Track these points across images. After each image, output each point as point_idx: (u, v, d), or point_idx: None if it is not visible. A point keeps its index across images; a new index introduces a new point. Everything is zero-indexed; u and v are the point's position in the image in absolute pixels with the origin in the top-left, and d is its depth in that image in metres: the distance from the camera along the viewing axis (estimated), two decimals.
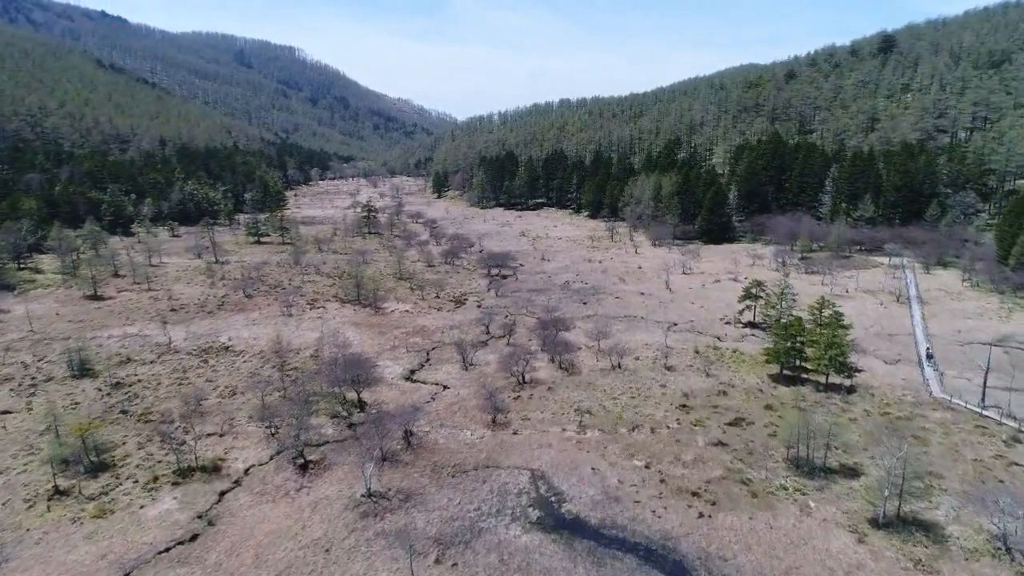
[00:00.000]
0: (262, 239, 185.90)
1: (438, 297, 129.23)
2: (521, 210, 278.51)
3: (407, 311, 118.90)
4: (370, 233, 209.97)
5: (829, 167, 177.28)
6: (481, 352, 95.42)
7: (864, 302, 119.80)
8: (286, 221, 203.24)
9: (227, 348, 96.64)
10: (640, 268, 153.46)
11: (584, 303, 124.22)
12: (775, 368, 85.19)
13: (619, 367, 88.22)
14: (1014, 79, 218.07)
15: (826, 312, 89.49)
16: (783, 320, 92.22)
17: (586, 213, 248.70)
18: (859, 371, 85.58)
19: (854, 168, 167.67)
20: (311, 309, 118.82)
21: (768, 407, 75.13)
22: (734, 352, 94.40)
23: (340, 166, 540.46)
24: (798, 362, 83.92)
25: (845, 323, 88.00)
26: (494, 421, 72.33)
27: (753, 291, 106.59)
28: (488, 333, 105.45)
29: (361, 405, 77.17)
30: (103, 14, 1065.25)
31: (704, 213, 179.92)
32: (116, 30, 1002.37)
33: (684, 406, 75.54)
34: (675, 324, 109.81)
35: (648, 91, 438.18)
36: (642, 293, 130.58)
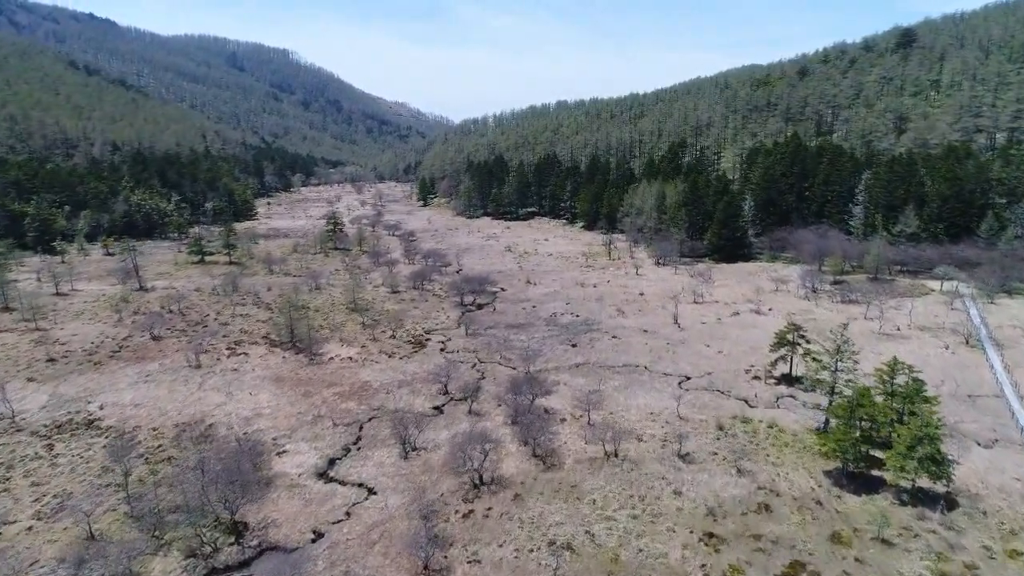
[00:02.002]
0: (207, 258, 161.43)
1: (394, 337, 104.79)
2: (510, 220, 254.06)
3: (351, 358, 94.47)
4: (336, 249, 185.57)
5: (860, 173, 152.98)
6: (432, 428, 71.08)
7: (924, 344, 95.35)
8: (239, 236, 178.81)
9: (92, 423, 72.18)
10: (642, 295, 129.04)
11: (573, 345, 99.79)
12: (834, 460, 60.84)
13: (616, 455, 63.83)
14: None
15: (899, 377, 65.25)
16: (841, 385, 67.85)
17: (581, 224, 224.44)
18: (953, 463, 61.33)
19: (892, 174, 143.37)
20: (229, 356, 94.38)
21: (836, 538, 50.75)
22: (770, 427, 69.98)
23: (326, 171, 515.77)
24: (867, 449, 59.61)
25: (928, 393, 63.77)
26: (426, 568, 47.95)
27: (789, 337, 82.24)
28: (446, 393, 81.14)
29: (238, 532, 52.84)
30: (91, 16, 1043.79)
31: (715, 227, 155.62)
32: (104, 32, 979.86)
33: (711, 535, 51.21)
34: (687, 378, 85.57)
35: (648, 91, 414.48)
36: (645, 330, 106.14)
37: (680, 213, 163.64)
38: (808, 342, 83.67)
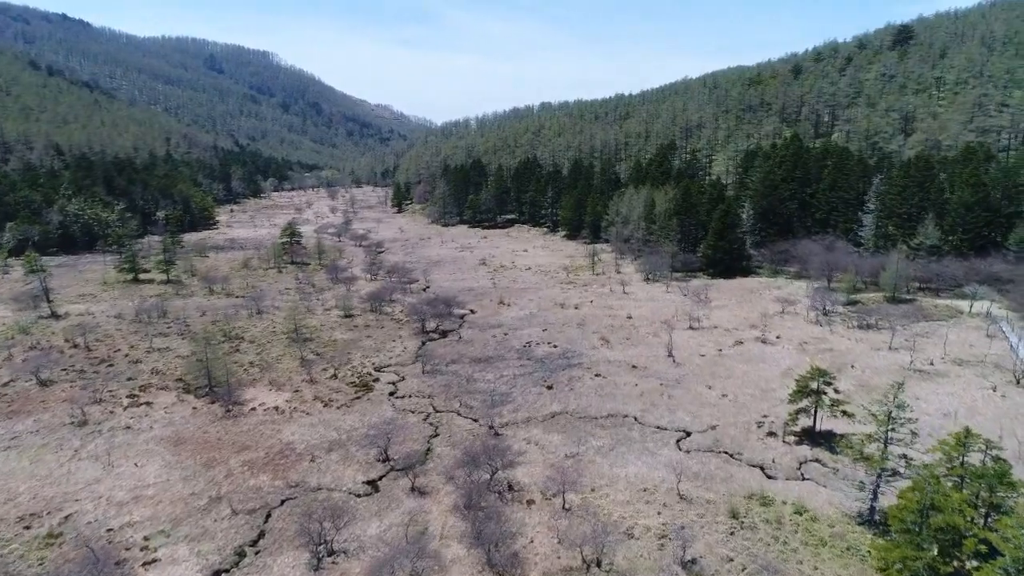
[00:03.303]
0: (141, 275, 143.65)
1: (335, 377, 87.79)
2: (488, 228, 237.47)
3: (277, 408, 77.49)
4: (292, 263, 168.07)
5: (870, 178, 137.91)
6: (359, 518, 54.35)
7: (967, 385, 79.71)
8: (188, 248, 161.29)
9: None
10: (630, 318, 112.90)
11: (549, 386, 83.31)
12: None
13: (598, 565, 47.43)
14: None
15: (973, 453, 49.24)
16: (894, 463, 51.66)
17: (563, 233, 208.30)
18: None
19: (907, 180, 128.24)
20: (128, 407, 77.13)
21: None
22: (798, 513, 53.78)
23: (301, 176, 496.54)
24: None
25: (1013, 477, 47.77)
26: None
27: (813, 385, 66.20)
28: (386, 460, 64.37)
29: None
30: (63, 17, 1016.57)
31: (710, 238, 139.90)
32: (76, 34, 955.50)
33: None
34: (687, 434, 69.40)
35: (635, 92, 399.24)
36: (634, 366, 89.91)
37: (671, 223, 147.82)
38: (837, 391, 67.85)
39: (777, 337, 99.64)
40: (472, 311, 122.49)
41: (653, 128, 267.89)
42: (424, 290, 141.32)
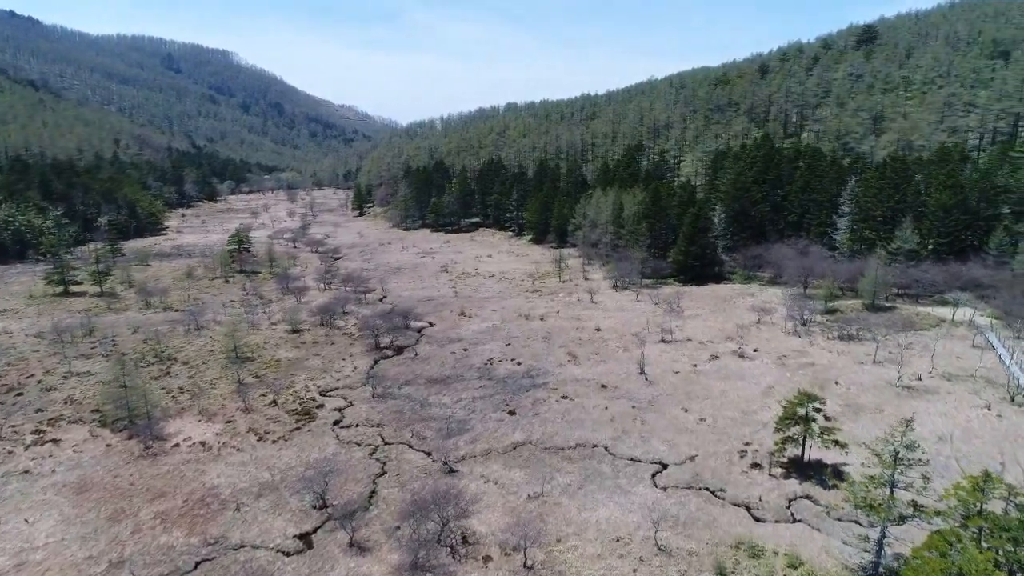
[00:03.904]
0: (72, 287, 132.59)
1: (275, 404, 79.08)
2: (451, 232, 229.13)
3: (204, 443, 68.64)
4: (241, 272, 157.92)
5: (843, 180, 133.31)
6: None
7: (959, 403, 74.16)
8: (129, 256, 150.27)
9: None
10: (598, 331, 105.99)
11: (511, 412, 75.77)
12: None
13: None
14: None
15: (993, 499, 42.82)
16: (904, 508, 45.01)
17: (529, 237, 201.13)
18: None
19: (883, 182, 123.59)
20: (32, 445, 67.59)
21: None
22: (792, 566, 47.00)
23: (260, 178, 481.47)
24: None
25: None
26: None
27: (801, 411, 59.75)
28: (324, 507, 56.20)
29: None
30: (11, 14, 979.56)
31: (681, 243, 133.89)
32: (25, 31, 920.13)
33: None
34: (663, 467, 62.48)
35: (601, 92, 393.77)
36: (603, 385, 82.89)
37: (640, 227, 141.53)
38: (827, 417, 61.64)
39: (755, 350, 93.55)
40: (431, 324, 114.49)
41: (620, 128, 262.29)
42: (381, 300, 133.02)
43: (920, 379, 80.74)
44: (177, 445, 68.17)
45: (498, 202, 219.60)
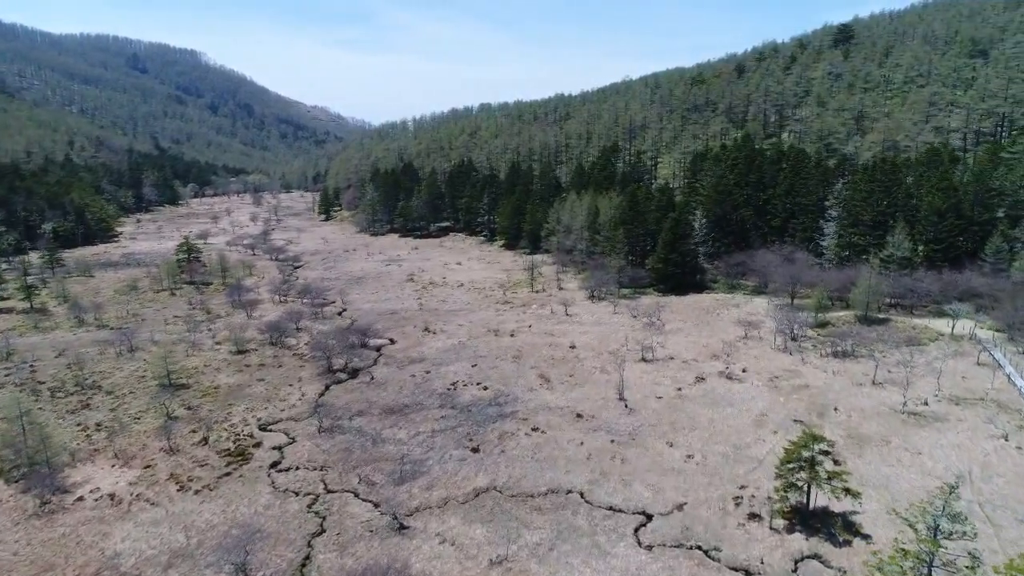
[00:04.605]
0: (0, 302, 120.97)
1: (205, 442, 69.28)
2: (420, 237, 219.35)
3: (114, 495, 58.76)
4: (190, 283, 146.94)
5: (829, 182, 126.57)
6: None
7: (973, 433, 66.66)
8: (71, 266, 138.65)
9: None
10: (573, 348, 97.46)
11: (474, 449, 66.85)
12: None
13: None
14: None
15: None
16: None
17: (501, 242, 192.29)
18: None
19: (872, 184, 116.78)
20: None
21: None
22: None
23: (226, 181, 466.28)
24: None
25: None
26: None
27: (807, 453, 51.63)
28: None
29: None
30: None
31: (661, 250, 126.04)
32: None
33: None
34: (648, 518, 54.02)
35: (575, 92, 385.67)
36: (579, 415, 74.33)
37: (617, 233, 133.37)
38: (837, 461, 53.78)
39: (743, 371, 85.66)
40: (391, 341, 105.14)
41: (595, 129, 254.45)
42: (340, 314, 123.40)
43: (926, 403, 73.35)
44: (81, 499, 58.23)
45: (469, 206, 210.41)
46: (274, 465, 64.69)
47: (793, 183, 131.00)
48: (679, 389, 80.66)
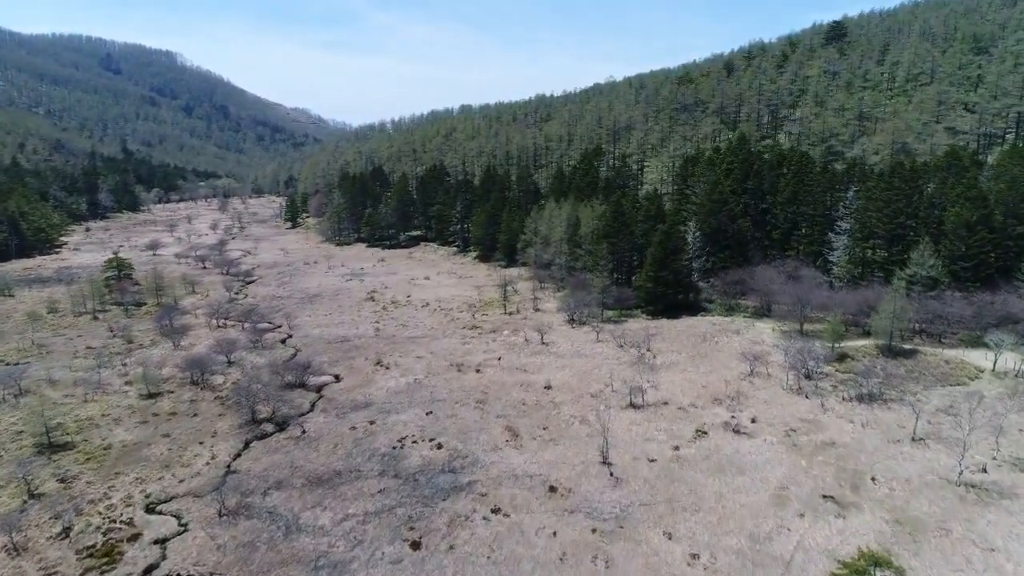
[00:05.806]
0: None
1: (66, 535, 53.19)
2: (389, 248, 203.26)
3: None
4: (119, 304, 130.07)
5: (838, 190, 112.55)
6: None
7: None
8: None
9: None
10: (549, 389, 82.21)
11: (415, 544, 51.34)
12: None
13: None
14: None
15: None
16: None
17: (475, 254, 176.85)
18: None
19: (889, 192, 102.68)
20: None
21: None
22: None
23: (194, 185, 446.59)
24: None
25: None
26: None
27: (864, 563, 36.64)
28: None
29: None
30: None
31: (649, 267, 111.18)
32: None
33: None
34: None
35: (557, 94, 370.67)
36: (552, 487, 59.06)
37: (600, 247, 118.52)
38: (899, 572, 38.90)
39: (752, 420, 70.85)
40: (336, 378, 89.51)
41: (577, 131, 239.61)
42: (284, 342, 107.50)
43: (984, 470, 58.88)
44: None
45: (441, 213, 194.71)
46: (148, 572, 48.83)
47: (796, 190, 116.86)
48: (676, 448, 65.62)
